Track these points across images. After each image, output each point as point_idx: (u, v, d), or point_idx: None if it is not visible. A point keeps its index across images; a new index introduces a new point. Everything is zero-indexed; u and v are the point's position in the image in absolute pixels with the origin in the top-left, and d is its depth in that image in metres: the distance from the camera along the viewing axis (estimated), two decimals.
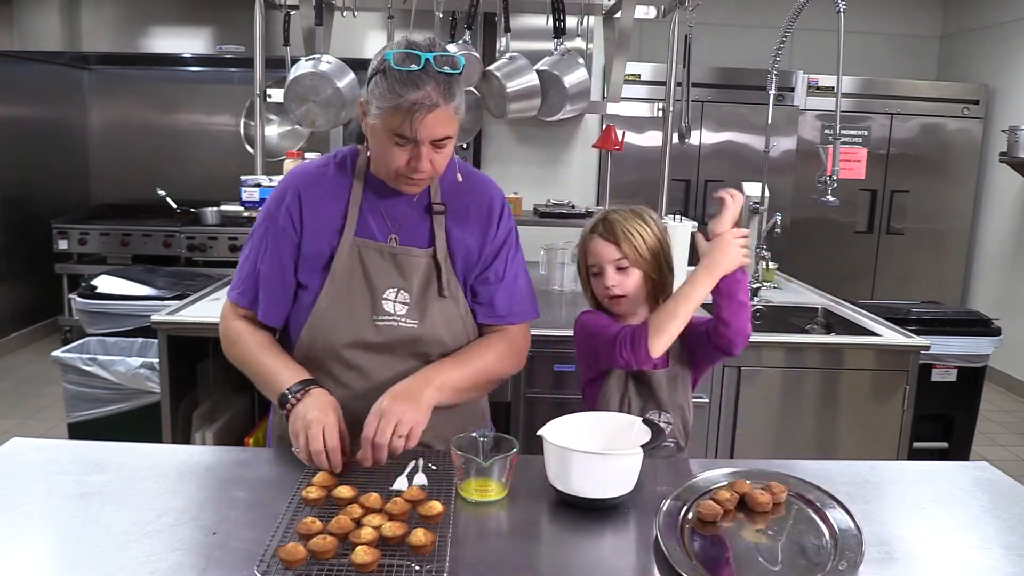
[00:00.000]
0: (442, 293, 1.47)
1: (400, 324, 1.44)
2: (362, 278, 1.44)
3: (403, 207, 1.49)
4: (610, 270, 1.55)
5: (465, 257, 1.51)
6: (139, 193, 5.59)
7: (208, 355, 2.69)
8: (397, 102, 1.30)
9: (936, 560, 1.16)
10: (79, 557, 1.08)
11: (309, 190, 1.47)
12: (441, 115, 1.32)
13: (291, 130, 3.46)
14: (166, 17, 4.82)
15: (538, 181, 4.70)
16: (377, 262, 1.45)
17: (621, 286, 1.55)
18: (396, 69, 1.30)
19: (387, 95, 1.31)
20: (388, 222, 1.48)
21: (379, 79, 1.33)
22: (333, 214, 1.46)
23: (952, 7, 5.85)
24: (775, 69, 2.72)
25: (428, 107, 1.30)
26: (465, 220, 1.51)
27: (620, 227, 1.55)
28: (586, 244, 1.59)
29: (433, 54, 1.31)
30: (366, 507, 1.18)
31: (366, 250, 1.45)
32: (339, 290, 1.44)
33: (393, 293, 1.45)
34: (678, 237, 2.79)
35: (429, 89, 1.30)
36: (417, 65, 1.30)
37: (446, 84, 1.32)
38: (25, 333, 5.28)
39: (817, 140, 5.19)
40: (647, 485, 1.35)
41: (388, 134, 1.34)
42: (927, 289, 5.29)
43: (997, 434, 4.31)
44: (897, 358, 2.50)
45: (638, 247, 1.55)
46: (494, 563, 1.12)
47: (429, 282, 1.47)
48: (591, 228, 1.59)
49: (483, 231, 1.52)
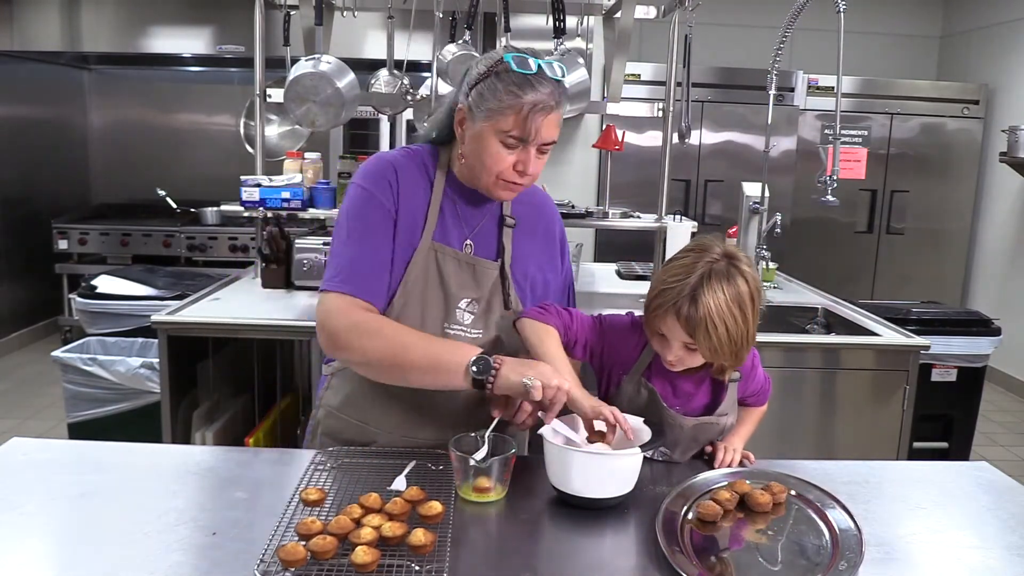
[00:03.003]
0: (507, 305, 1.47)
1: (467, 334, 1.44)
2: (438, 285, 1.43)
3: (479, 215, 1.49)
4: (676, 346, 1.35)
5: (527, 271, 1.52)
6: (139, 193, 5.60)
7: (208, 355, 2.69)
8: (517, 103, 1.31)
9: (936, 560, 1.16)
10: (79, 557, 1.08)
11: (403, 177, 1.43)
12: (554, 118, 1.35)
13: (291, 130, 3.46)
14: (166, 17, 4.82)
15: (538, 181, 4.70)
16: (454, 269, 1.43)
17: (682, 363, 1.38)
18: (516, 71, 1.32)
19: (505, 96, 1.31)
20: (466, 229, 1.47)
21: (493, 81, 1.33)
22: (416, 210, 1.43)
23: (952, 7, 5.85)
24: (775, 69, 2.72)
25: (547, 108, 1.33)
26: (532, 236, 1.54)
27: (705, 325, 1.28)
28: (661, 314, 1.33)
29: (543, 60, 1.35)
30: (366, 507, 1.18)
31: (443, 256, 1.43)
32: (412, 294, 1.41)
33: (466, 303, 1.44)
34: (678, 237, 2.80)
35: (546, 92, 1.32)
36: (533, 69, 1.33)
37: (558, 88, 1.35)
38: (25, 333, 5.28)
39: (817, 140, 5.19)
40: (647, 485, 1.35)
41: (498, 136, 1.34)
42: (927, 289, 5.28)
43: (997, 434, 4.31)
44: (897, 358, 2.50)
45: (717, 347, 1.30)
46: (494, 563, 1.12)
47: (495, 293, 1.47)
48: (676, 301, 1.30)
49: (549, 254, 1.57)
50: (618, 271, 3.48)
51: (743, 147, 5.06)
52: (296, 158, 2.88)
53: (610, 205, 3.07)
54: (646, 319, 1.40)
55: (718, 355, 1.32)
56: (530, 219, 1.54)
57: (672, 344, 1.35)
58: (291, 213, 2.74)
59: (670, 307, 1.31)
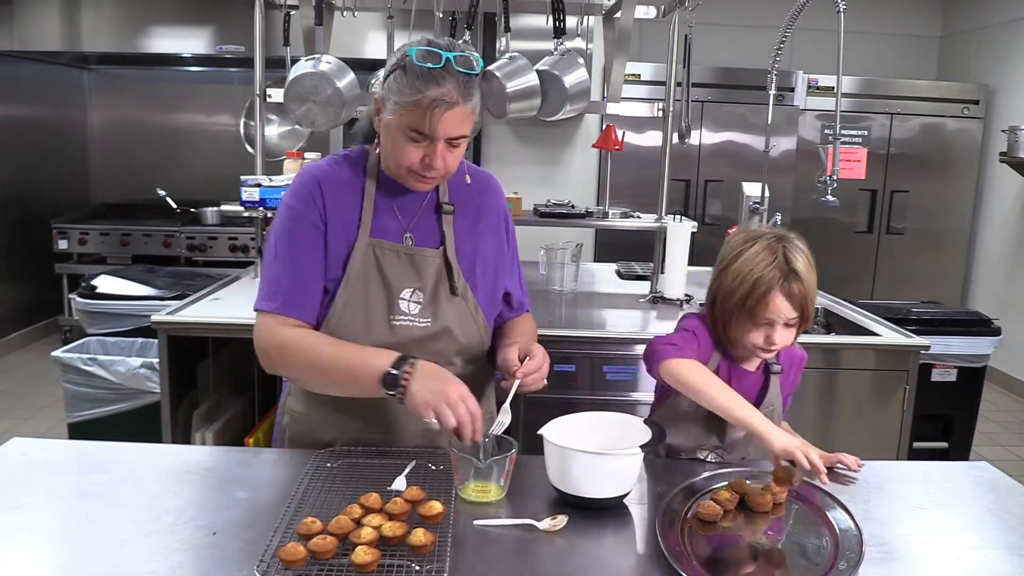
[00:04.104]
0: (454, 291, 1.47)
1: (414, 323, 1.45)
2: (378, 279, 1.44)
3: (415, 206, 1.50)
4: (780, 326, 1.42)
5: (474, 256, 1.52)
6: (139, 193, 5.59)
7: (208, 355, 2.69)
8: (417, 98, 1.30)
9: (936, 560, 1.16)
10: (79, 557, 1.08)
11: (329, 189, 1.45)
12: (459, 113, 1.33)
13: (291, 130, 3.46)
14: (166, 17, 4.82)
15: (538, 181, 4.70)
16: (393, 262, 1.45)
17: (784, 342, 1.44)
18: (417, 65, 1.31)
19: (407, 91, 1.31)
20: (402, 220, 1.48)
21: (399, 75, 1.33)
22: (350, 213, 1.45)
23: (952, 7, 5.85)
24: (775, 69, 2.71)
25: (448, 104, 1.31)
26: (476, 220, 1.53)
27: (808, 288, 1.40)
28: (766, 301, 1.39)
29: (454, 54, 1.33)
30: (366, 507, 1.18)
31: (381, 251, 1.45)
32: (354, 291, 1.43)
33: (408, 293, 1.45)
34: (678, 237, 2.80)
35: (449, 87, 1.31)
36: (438, 63, 1.31)
37: (465, 83, 1.33)
38: (25, 333, 5.28)
39: (817, 140, 5.19)
40: (647, 485, 1.35)
41: (404, 130, 1.34)
42: (927, 289, 5.28)
43: (997, 434, 4.31)
44: (897, 358, 2.50)
45: (812, 309, 1.42)
46: (494, 563, 1.12)
47: (440, 281, 1.47)
48: (780, 281, 1.39)
49: (495, 232, 1.56)
50: (618, 271, 3.48)
51: (743, 147, 5.05)
52: (296, 158, 2.88)
53: (610, 205, 3.07)
54: (741, 316, 1.43)
55: (809, 318, 1.43)
56: (472, 200, 1.54)
57: (777, 325, 1.41)
58: None
59: (776, 289, 1.39)
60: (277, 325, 1.40)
